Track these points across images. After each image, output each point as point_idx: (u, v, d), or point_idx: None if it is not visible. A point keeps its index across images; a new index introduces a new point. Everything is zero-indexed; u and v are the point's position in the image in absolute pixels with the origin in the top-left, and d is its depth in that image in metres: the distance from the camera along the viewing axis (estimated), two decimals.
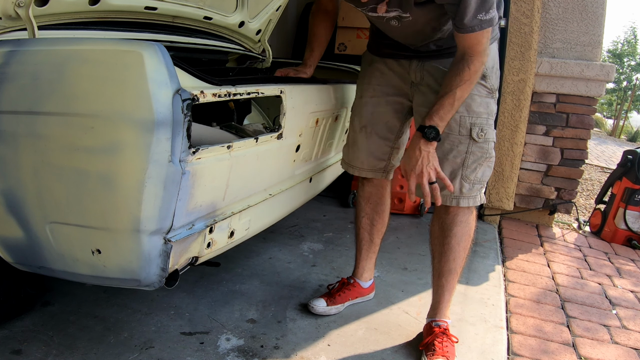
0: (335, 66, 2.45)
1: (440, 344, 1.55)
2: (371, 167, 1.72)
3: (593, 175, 5.81)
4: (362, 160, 1.72)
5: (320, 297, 1.81)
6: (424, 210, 3.05)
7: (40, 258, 1.26)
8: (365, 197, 1.80)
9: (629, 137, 12.71)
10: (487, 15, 1.32)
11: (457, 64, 1.40)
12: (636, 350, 1.84)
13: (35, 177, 1.16)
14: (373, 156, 1.71)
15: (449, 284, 1.62)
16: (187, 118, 1.07)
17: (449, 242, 1.58)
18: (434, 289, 1.67)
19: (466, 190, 1.52)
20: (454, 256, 1.59)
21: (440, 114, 1.40)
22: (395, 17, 1.43)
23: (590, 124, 3.07)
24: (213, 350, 1.53)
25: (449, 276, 1.61)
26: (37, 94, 1.11)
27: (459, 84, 1.38)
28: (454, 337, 1.60)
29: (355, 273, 1.89)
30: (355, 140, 1.72)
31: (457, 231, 1.57)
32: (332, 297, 1.81)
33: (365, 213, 1.81)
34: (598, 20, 2.97)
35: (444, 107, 1.39)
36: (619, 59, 17.59)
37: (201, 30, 2.08)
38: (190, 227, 1.22)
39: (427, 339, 1.59)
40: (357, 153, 1.72)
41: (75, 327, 1.57)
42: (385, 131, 1.68)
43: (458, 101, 1.40)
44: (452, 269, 1.60)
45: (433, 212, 1.65)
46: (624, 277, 2.56)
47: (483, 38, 1.36)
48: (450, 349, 1.55)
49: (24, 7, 1.23)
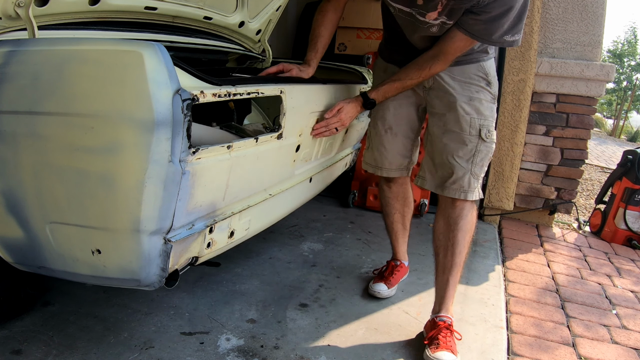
0: (335, 66, 2.45)
1: (444, 338, 1.59)
2: (398, 166, 1.88)
3: (593, 175, 5.81)
4: (391, 161, 1.86)
5: (378, 282, 1.99)
6: (424, 211, 3.05)
7: (40, 258, 1.26)
8: (394, 197, 1.97)
9: (629, 137, 12.72)
10: (513, 37, 1.47)
11: (427, 60, 1.59)
12: (636, 350, 1.84)
13: (35, 177, 1.16)
14: (400, 155, 1.86)
15: (453, 278, 1.67)
16: (187, 118, 1.07)
17: (455, 236, 1.65)
18: (439, 285, 1.71)
19: (473, 185, 1.64)
20: (459, 250, 1.66)
21: (385, 93, 1.67)
22: (439, 24, 1.52)
23: (590, 124, 3.07)
24: (213, 350, 1.53)
25: (453, 270, 1.67)
26: (37, 94, 1.11)
27: (414, 77, 1.61)
28: (457, 333, 1.65)
29: (398, 256, 2.09)
30: (381, 142, 1.85)
31: (463, 225, 1.65)
32: (387, 280, 2.00)
33: (397, 210, 1.99)
34: (598, 20, 2.97)
35: (391, 90, 1.66)
36: (619, 59, 17.60)
37: (201, 30, 2.08)
38: (190, 227, 1.22)
39: (430, 333, 1.63)
40: (385, 154, 1.86)
41: (75, 327, 1.58)
42: (408, 130, 1.83)
43: (403, 89, 1.67)
44: (457, 264, 1.66)
45: (436, 211, 1.74)
46: (624, 276, 2.56)
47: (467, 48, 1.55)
48: (454, 345, 1.59)
49: (24, 7, 1.23)
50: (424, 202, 3.05)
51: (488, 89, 1.64)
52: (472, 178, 1.63)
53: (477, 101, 1.62)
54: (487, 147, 1.63)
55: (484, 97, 1.63)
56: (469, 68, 1.63)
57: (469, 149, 1.62)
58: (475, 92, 1.63)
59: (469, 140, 1.62)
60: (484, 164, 1.65)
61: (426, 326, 1.71)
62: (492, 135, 1.63)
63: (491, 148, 1.64)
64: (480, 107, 1.62)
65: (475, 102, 1.62)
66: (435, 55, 1.57)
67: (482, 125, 1.62)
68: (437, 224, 1.71)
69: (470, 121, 1.61)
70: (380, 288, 1.96)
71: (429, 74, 1.61)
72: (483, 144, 1.62)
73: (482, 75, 1.64)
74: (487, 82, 1.64)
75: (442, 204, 1.71)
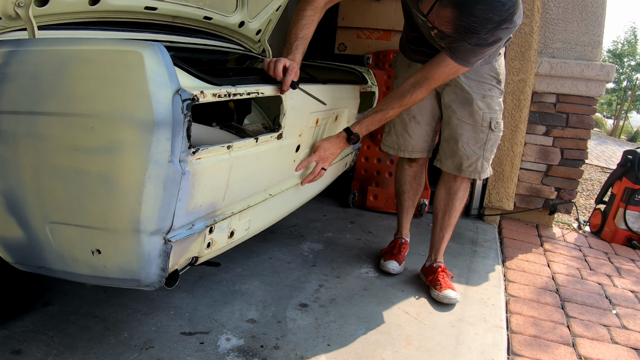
0: (335, 66, 2.45)
1: (443, 279, 2.00)
2: (420, 149, 2.09)
3: (593, 175, 5.81)
4: (414, 145, 2.08)
5: (390, 260, 2.18)
6: (424, 211, 3.05)
7: (40, 258, 1.26)
8: (411, 176, 2.18)
9: (629, 137, 12.72)
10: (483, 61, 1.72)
11: (407, 89, 1.71)
12: (636, 350, 1.84)
13: (36, 177, 1.16)
14: (422, 140, 2.07)
15: (448, 234, 2.08)
16: (187, 118, 1.07)
17: (454, 203, 2.02)
18: (435, 239, 2.10)
19: (485, 167, 1.95)
20: (455, 214, 2.04)
21: (368, 126, 1.75)
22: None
23: (590, 124, 3.07)
24: (213, 350, 1.53)
25: (449, 228, 2.06)
26: (37, 94, 1.11)
27: (396, 107, 1.73)
28: (449, 272, 2.07)
29: (402, 233, 2.30)
30: (405, 129, 2.06)
31: (461, 195, 2.02)
32: (397, 257, 2.21)
33: (412, 188, 2.21)
34: (598, 20, 2.97)
35: (374, 122, 1.75)
36: (619, 59, 17.60)
37: (201, 30, 2.08)
38: (190, 227, 1.22)
39: (431, 276, 2.04)
40: (409, 140, 2.07)
41: (75, 327, 1.58)
42: (430, 119, 2.04)
43: (386, 120, 1.78)
44: (452, 224, 2.06)
45: (439, 181, 2.06)
46: (624, 276, 2.56)
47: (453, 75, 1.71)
48: (451, 283, 2.01)
49: (24, 7, 1.23)
50: (424, 202, 3.05)
51: (498, 86, 1.87)
52: (484, 161, 1.93)
53: (490, 98, 1.86)
54: (495, 136, 1.90)
55: (495, 93, 1.87)
56: (482, 69, 1.82)
57: (481, 138, 1.89)
58: (488, 90, 1.86)
59: (481, 131, 1.88)
60: (494, 149, 1.94)
61: (424, 270, 2.12)
62: (500, 125, 1.90)
63: (499, 136, 1.92)
64: (492, 102, 1.87)
65: (488, 98, 1.86)
66: (417, 82, 1.69)
67: (492, 118, 1.87)
68: (439, 191, 2.06)
69: (483, 115, 1.86)
70: (393, 265, 2.17)
71: (410, 102, 1.72)
72: (492, 134, 1.89)
73: (493, 75, 1.85)
74: (498, 80, 1.86)
75: (445, 176, 2.02)
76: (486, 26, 1.37)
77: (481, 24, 1.36)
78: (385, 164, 3.09)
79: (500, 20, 1.38)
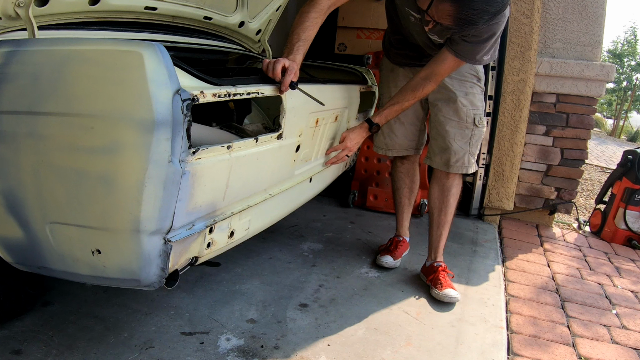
0: (335, 66, 2.45)
1: (444, 279, 2.03)
2: (407, 148, 2.21)
3: (593, 175, 5.81)
4: (400, 144, 2.19)
5: (385, 255, 2.25)
6: (424, 211, 3.05)
7: (40, 258, 1.26)
8: (404, 172, 2.28)
9: (629, 137, 12.72)
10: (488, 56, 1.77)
11: (419, 82, 1.84)
12: (636, 350, 1.84)
13: (35, 177, 1.16)
14: (407, 139, 2.19)
15: (445, 232, 2.12)
16: (187, 118, 1.07)
17: (448, 200, 2.08)
18: (433, 238, 2.13)
19: (471, 161, 2.03)
20: (451, 210, 2.10)
21: (387, 116, 1.91)
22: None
23: (590, 124, 3.07)
24: (213, 350, 1.53)
25: (446, 226, 2.11)
26: (37, 94, 1.11)
27: (410, 99, 1.86)
28: (450, 272, 2.09)
29: (401, 232, 2.35)
30: (391, 130, 2.18)
31: (454, 191, 2.08)
32: (392, 253, 2.26)
33: (406, 184, 2.29)
34: (598, 20, 2.97)
35: (392, 113, 1.91)
36: (619, 59, 17.58)
37: (201, 30, 2.08)
38: (190, 227, 1.22)
39: (432, 275, 2.07)
40: (395, 139, 2.19)
41: (75, 327, 1.58)
42: (414, 119, 2.16)
43: (402, 110, 1.92)
44: (448, 221, 2.12)
45: (432, 180, 2.12)
46: (624, 276, 2.56)
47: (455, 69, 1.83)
48: (452, 283, 2.03)
49: (24, 7, 1.23)
50: (424, 202, 3.05)
51: (479, 84, 2.00)
52: (470, 156, 2.02)
53: (472, 95, 1.98)
54: (479, 132, 2.01)
55: (476, 91, 1.99)
56: (463, 68, 1.91)
57: (467, 134, 1.99)
58: (470, 87, 1.97)
59: (466, 127, 1.98)
60: (478, 144, 2.04)
61: (424, 270, 2.14)
62: (482, 121, 2.01)
63: (482, 131, 2.03)
64: (474, 99, 1.98)
65: (470, 96, 1.97)
66: (426, 77, 1.83)
67: (476, 114, 1.98)
68: (433, 190, 2.11)
69: (467, 112, 1.97)
70: (387, 259, 2.23)
71: (422, 95, 1.87)
72: (477, 129, 2.00)
73: (473, 73, 1.97)
74: (478, 78, 1.99)
75: (437, 174, 2.09)
76: (484, 17, 1.49)
77: (479, 15, 1.48)
78: (385, 164, 3.09)
79: (496, 11, 1.50)
